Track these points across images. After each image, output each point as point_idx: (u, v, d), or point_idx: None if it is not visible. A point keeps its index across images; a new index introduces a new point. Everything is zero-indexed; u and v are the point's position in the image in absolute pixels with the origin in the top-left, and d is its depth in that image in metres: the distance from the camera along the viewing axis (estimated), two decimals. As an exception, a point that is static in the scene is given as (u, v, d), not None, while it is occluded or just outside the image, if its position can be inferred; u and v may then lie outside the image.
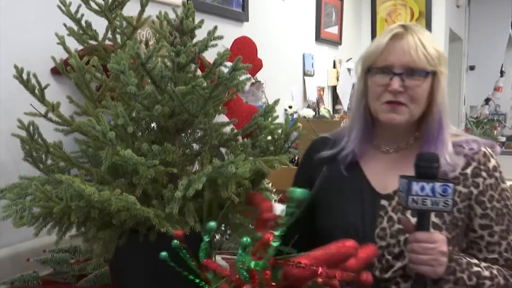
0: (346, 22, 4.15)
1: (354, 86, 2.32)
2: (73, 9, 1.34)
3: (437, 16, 4.46)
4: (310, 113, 3.15)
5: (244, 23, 2.72)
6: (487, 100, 6.13)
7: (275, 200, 1.34)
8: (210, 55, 1.10)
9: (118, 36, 1.35)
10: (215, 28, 1.06)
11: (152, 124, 1.14)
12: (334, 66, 3.97)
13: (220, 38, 1.07)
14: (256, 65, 2.27)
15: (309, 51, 3.59)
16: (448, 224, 1.16)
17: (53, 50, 1.24)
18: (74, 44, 1.28)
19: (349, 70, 4.02)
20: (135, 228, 1.02)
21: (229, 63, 1.04)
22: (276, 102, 1.21)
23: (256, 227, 0.98)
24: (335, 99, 3.98)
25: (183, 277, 0.84)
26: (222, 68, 1.04)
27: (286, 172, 1.41)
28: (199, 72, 1.18)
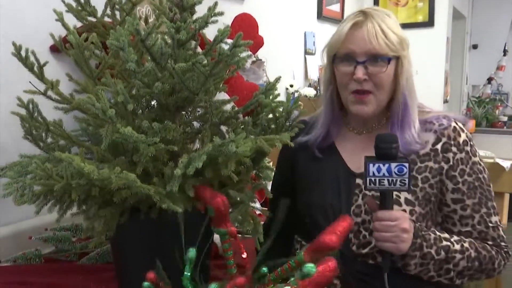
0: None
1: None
2: (71, -15, 1.31)
3: (440, -6, 4.41)
4: (311, 92, 3.14)
5: (244, 0, 2.68)
6: (490, 80, 6.08)
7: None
8: (210, 33, 1.09)
9: (117, 12, 1.34)
10: (216, 4, 1.04)
11: (152, 102, 1.13)
12: (336, 45, 3.93)
13: (221, 14, 1.06)
14: (257, 42, 2.25)
15: (310, 29, 3.55)
16: (420, 199, 1.19)
17: (51, 28, 1.22)
18: (73, 22, 1.26)
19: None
20: (136, 206, 1.02)
21: (229, 40, 1.03)
22: (277, 80, 1.20)
23: (215, 224, 0.93)
24: (337, 78, 3.95)
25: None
26: (223, 45, 1.02)
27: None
28: (199, 49, 1.16)
